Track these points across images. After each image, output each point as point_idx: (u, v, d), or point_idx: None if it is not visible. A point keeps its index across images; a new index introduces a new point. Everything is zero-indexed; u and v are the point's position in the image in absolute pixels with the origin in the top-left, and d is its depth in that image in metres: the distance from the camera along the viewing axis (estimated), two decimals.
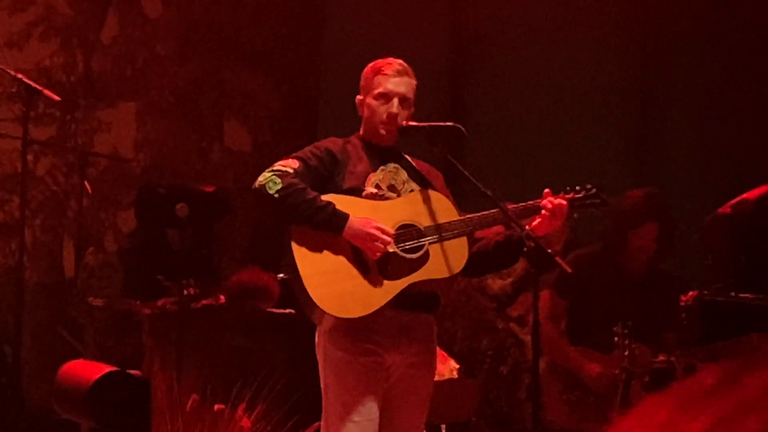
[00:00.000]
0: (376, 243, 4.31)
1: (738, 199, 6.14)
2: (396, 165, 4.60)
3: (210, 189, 7.54)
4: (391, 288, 4.36)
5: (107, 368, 4.10)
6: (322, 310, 4.28)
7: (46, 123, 8.37)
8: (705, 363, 5.30)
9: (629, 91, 8.59)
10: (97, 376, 3.94)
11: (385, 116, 4.52)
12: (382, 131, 4.55)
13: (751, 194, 6.17)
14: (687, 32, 8.43)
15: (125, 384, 3.99)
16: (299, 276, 4.31)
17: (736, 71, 8.26)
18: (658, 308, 5.81)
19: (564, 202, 4.50)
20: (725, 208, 6.07)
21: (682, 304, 6.13)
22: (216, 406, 5.56)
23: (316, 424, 4.53)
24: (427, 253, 4.43)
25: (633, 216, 5.77)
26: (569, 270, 4.37)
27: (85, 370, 4.13)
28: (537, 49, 8.68)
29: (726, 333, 5.40)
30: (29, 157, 5.84)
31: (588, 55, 8.57)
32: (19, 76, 5.19)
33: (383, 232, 4.33)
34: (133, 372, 4.32)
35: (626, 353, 5.23)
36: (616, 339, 5.29)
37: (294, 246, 4.33)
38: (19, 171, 7.79)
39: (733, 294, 5.57)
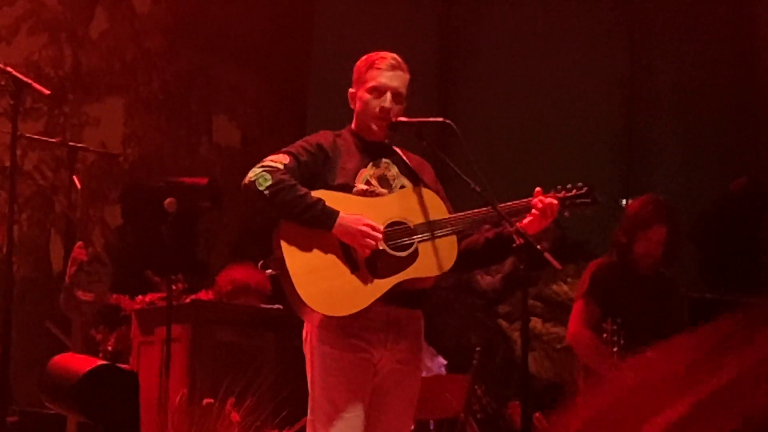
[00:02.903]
0: (366, 240, 4.30)
1: (722, 194, 6.17)
2: (387, 160, 4.59)
3: (203, 181, 7.54)
4: (380, 286, 4.35)
5: (96, 362, 4.09)
6: (310, 307, 4.28)
7: (34, 117, 8.36)
8: None
9: (616, 90, 8.62)
10: (86, 369, 3.93)
11: (377, 110, 4.51)
12: (374, 126, 4.54)
13: (733, 187, 6.20)
14: (673, 33, 8.46)
15: (114, 378, 3.98)
16: (288, 273, 4.30)
17: (721, 71, 8.29)
18: (667, 315, 5.83)
19: (555, 201, 4.50)
20: (712, 206, 6.10)
21: None
22: (205, 401, 5.55)
23: (305, 418, 4.52)
24: (416, 251, 4.42)
25: (643, 217, 5.79)
26: (559, 267, 4.37)
27: (74, 363, 4.12)
28: (525, 48, 8.70)
29: None
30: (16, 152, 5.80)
31: (575, 55, 8.60)
32: (8, 69, 5.16)
33: (373, 229, 4.32)
34: (121, 366, 4.31)
35: (615, 350, 5.23)
36: (604, 335, 5.30)
37: (283, 243, 4.32)
38: (6, 165, 7.78)
39: (722, 291, 5.59)
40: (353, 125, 4.63)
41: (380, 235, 4.34)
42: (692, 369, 0.98)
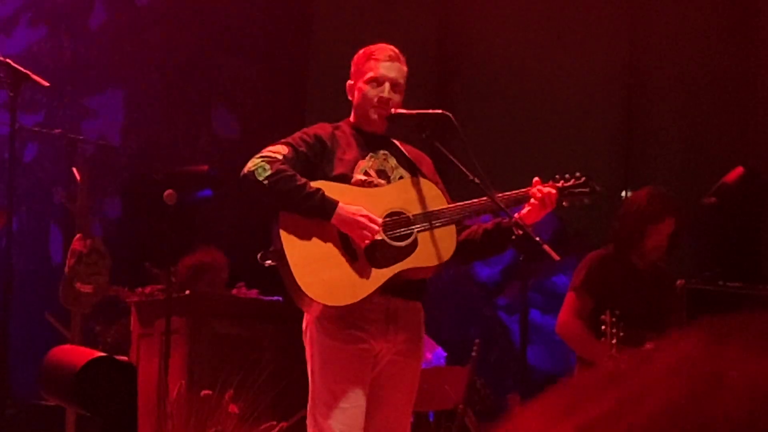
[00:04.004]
0: (363, 231, 4.31)
1: (718, 185, 6.17)
2: (385, 152, 4.60)
3: (203, 168, 7.56)
4: (379, 276, 4.36)
5: (94, 353, 4.08)
6: (309, 297, 4.28)
7: (33, 109, 8.35)
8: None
9: (615, 82, 8.62)
10: (84, 361, 3.92)
11: (376, 100, 4.52)
12: (374, 116, 4.54)
13: (729, 178, 6.20)
14: (672, 23, 8.45)
15: (112, 370, 3.97)
16: (287, 263, 4.30)
17: (721, 61, 8.29)
18: (664, 308, 5.85)
19: (553, 191, 4.51)
20: (709, 198, 6.10)
21: None
22: (203, 392, 5.55)
23: (304, 410, 4.52)
24: (415, 241, 4.43)
25: (653, 211, 5.79)
26: (558, 258, 4.36)
27: (72, 355, 4.11)
28: (524, 40, 8.69)
29: None
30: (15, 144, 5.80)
31: (575, 45, 8.59)
32: (7, 60, 5.15)
33: (372, 221, 4.33)
34: (119, 358, 4.31)
35: (614, 342, 5.24)
36: (603, 327, 5.30)
37: (282, 233, 4.33)
38: (5, 157, 7.76)
39: (720, 282, 5.59)
40: (352, 117, 4.64)
41: (378, 228, 4.34)
42: (577, 399, 1.04)
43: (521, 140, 8.59)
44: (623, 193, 8.08)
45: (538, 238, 4.37)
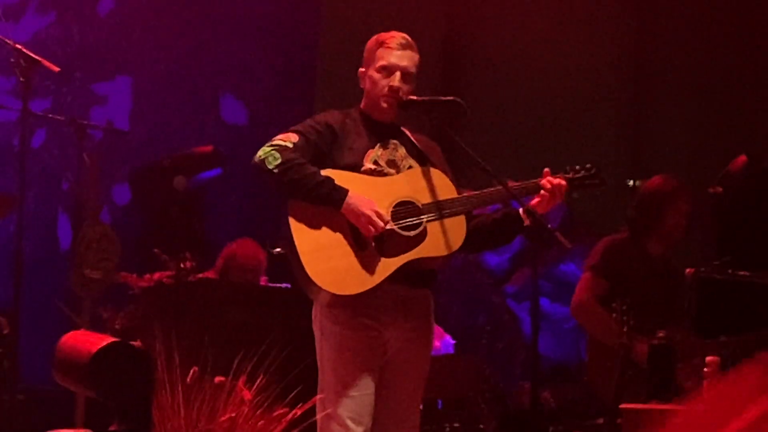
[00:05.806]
0: (368, 226, 4.31)
1: (722, 174, 6.21)
2: (395, 141, 4.59)
3: (208, 149, 7.56)
4: (388, 266, 4.36)
5: (108, 339, 4.10)
6: (318, 286, 4.28)
7: (41, 95, 8.35)
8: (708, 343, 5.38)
9: (622, 70, 8.61)
10: (99, 346, 3.94)
11: (387, 89, 4.51)
12: (384, 104, 4.53)
13: (733, 166, 6.23)
14: (680, 13, 8.45)
15: (126, 355, 3.99)
16: (296, 251, 4.30)
17: (728, 51, 8.28)
18: (674, 296, 5.90)
19: (563, 182, 4.51)
20: (715, 187, 6.13)
21: None
22: (216, 379, 5.55)
23: (316, 397, 4.53)
24: (424, 231, 4.42)
25: (670, 192, 5.89)
26: (569, 246, 4.38)
27: (86, 341, 4.13)
28: (531, 29, 8.68)
29: (722, 309, 5.45)
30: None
31: (582, 35, 8.58)
32: (18, 46, 5.16)
33: (379, 216, 4.32)
34: (133, 343, 4.33)
35: (625, 329, 5.26)
36: (614, 315, 5.32)
37: (292, 221, 4.33)
38: (12, 143, 7.79)
39: (730, 271, 5.62)
40: (362, 105, 4.63)
41: (383, 225, 4.33)
42: (740, 399, 1.04)
43: (529, 128, 8.59)
44: (630, 182, 8.09)
45: (549, 226, 4.39)
